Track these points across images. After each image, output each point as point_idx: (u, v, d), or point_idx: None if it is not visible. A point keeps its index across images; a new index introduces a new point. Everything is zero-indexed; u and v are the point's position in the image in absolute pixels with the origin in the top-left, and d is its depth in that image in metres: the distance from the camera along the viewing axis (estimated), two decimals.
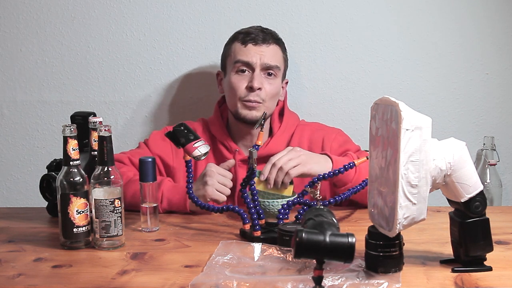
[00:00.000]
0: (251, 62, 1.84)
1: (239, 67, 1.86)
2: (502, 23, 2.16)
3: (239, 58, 1.85)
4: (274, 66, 1.86)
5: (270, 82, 1.86)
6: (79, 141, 1.39)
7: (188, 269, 1.26)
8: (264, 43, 1.86)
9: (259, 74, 1.84)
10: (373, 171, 1.23)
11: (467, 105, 2.20)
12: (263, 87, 1.84)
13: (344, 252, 1.03)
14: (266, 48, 1.86)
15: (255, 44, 1.86)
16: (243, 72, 1.86)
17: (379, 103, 1.21)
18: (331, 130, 1.96)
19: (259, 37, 1.87)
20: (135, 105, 2.23)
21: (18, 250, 1.41)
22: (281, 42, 1.94)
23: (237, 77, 1.86)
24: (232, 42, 1.91)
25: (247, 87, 1.84)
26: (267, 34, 1.89)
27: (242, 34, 1.89)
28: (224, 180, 1.65)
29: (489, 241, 1.22)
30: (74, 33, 2.20)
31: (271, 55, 1.86)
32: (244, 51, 1.85)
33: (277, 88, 1.88)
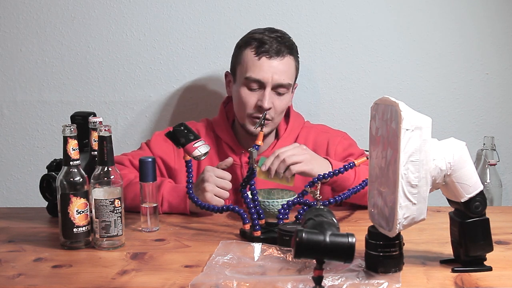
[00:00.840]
0: (263, 79, 1.78)
1: (250, 83, 1.80)
2: (502, 23, 2.16)
3: (250, 75, 1.79)
4: (287, 84, 1.81)
5: (280, 99, 1.82)
6: (79, 141, 1.39)
7: (188, 269, 1.26)
8: (278, 56, 1.79)
9: (269, 93, 1.79)
10: (373, 171, 1.23)
11: (467, 105, 2.20)
12: (273, 106, 1.80)
13: (344, 252, 1.03)
14: (279, 62, 1.79)
15: (269, 58, 1.78)
16: (254, 89, 1.80)
17: (379, 103, 1.21)
18: (336, 133, 1.95)
19: (273, 49, 1.79)
20: (135, 105, 2.23)
21: (18, 250, 1.41)
22: (295, 49, 1.87)
23: (247, 92, 1.81)
24: (245, 48, 1.83)
25: (256, 106, 1.80)
26: (281, 44, 1.81)
27: (256, 42, 1.81)
28: (223, 182, 1.63)
29: (489, 241, 1.22)
30: (74, 33, 2.20)
31: (283, 71, 1.80)
32: (257, 66, 1.78)
33: (287, 103, 1.85)
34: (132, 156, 1.85)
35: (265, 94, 1.78)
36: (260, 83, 1.79)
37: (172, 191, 1.69)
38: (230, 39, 2.15)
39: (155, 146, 1.87)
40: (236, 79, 1.86)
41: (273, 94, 1.80)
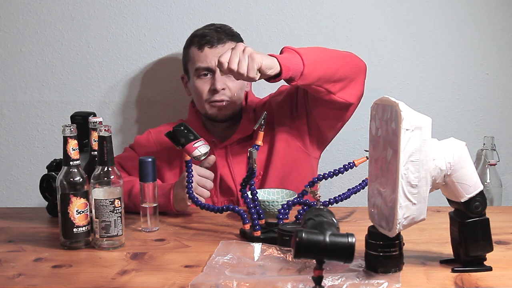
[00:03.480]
0: (210, 66, 1.86)
1: (200, 72, 1.88)
2: (502, 23, 2.16)
3: (199, 65, 1.88)
4: None
5: (232, 80, 1.87)
6: (79, 141, 1.39)
7: (188, 269, 1.26)
8: (220, 43, 1.88)
9: (219, 75, 1.84)
10: (373, 171, 1.23)
11: (467, 105, 2.20)
12: (226, 86, 1.87)
13: (344, 252, 1.03)
14: (221, 48, 1.87)
15: (210, 47, 1.87)
16: (205, 75, 1.88)
17: (379, 103, 1.21)
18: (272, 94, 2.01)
19: (214, 39, 1.88)
20: (135, 105, 2.23)
21: (18, 250, 1.41)
22: (236, 36, 1.94)
23: (199, 81, 1.89)
24: (189, 46, 1.92)
25: (210, 90, 1.87)
26: (220, 33, 1.90)
27: (198, 37, 1.90)
28: (205, 182, 1.66)
29: (489, 241, 1.22)
30: (74, 33, 2.20)
31: None
32: (202, 57, 1.87)
33: (240, 83, 1.90)
34: (120, 158, 1.89)
35: (215, 77, 1.86)
36: (209, 70, 1.87)
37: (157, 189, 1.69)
38: None
39: (138, 147, 1.93)
40: (189, 77, 1.95)
41: (224, 77, 1.86)
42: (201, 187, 1.65)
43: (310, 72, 1.61)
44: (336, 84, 1.70)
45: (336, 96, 1.72)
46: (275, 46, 2.16)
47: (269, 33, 2.18)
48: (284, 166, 1.88)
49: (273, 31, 2.17)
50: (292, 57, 1.59)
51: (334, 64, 1.68)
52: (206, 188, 1.66)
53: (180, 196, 1.65)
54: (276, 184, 1.83)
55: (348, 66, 1.73)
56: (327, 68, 1.66)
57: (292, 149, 1.89)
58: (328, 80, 1.67)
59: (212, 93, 1.87)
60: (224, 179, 1.88)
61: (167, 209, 1.68)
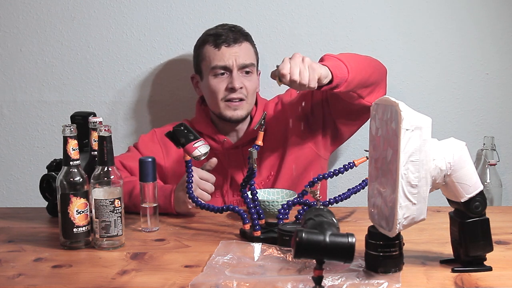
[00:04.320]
0: (228, 65, 1.87)
1: (217, 71, 1.88)
2: (502, 23, 2.16)
3: (216, 64, 1.87)
4: (250, 64, 1.90)
5: (249, 80, 1.89)
6: (79, 141, 1.39)
7: (188, 269, 1.26)
8: (237, 43, 1.89)
9: (237, 74, 1.87)
10: (373, 171, 1.23)
11: (467, 105, 2.20)
12: (244, 86, 1.88)
13: (344, 252, 1.03)
14: (239, 48, 1.88)
15: (228, 46, 1.88)
16: (222, 75, 1.88)
17: (379, 103, 1.21)
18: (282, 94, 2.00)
19: (230, 38, 1.88)
20: (135, 105, 2.23)
21: (18, 250, 1.41)
22: (250, 37, 1.96)
23: (215, 80, 1.89)
24: (203, 45, 1.92)
25: (227, 88, 1.87)
26: (236, 33, 1.91)
27: (212, 36, 1.90)
28: (205, 185, 1.66)
29: (489, 241, 1.22)
30: (74, 33, 2.20)
31: (245, 54, 1.89)
32: (219, 55, 1.87)
33: (255, 84, 1.93)
34: (123, 158, 1.88)
35: (233, 76, 1.87)
36: (226, 69, 1.88)
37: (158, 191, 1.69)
38: None
39: (143, 147, 1.92)
40: (203, 76, 1.94)
41: (241, 76, 1.88)
42: (201, 189, 1.65)
43: (353, 79, 1.63)
44: (367, 89, 1.72)
45: (364, 100, 1.74)
46: (275, 46, 2.17)
47: (269, 33, 2.18)
48: (296, 168, 1.88)
49: (273, 31, 2.17)
50: (338, 65, 1.61)
51: (369, 70, 1.71)
52: (207, 191, 1.66)
53: (181, 199, 1.64)
54: (287, 185, 1.84)
55: (377, 71, 1.76)
56: (364, 74, 1.68)
57: (304, 150, 1.90)
58: (363, 86, 1.70)
59: (230, 92, 1.87)
60: (235, 179, 1.89)
61: (167, 211, 1.68)
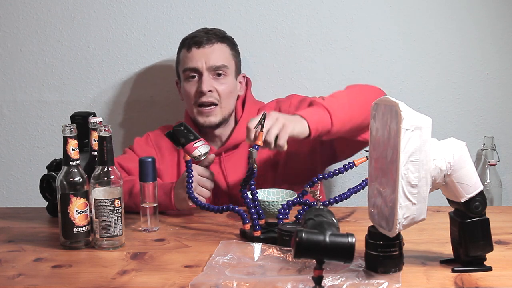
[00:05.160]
0: (197, 67, 1.85)
1: (188, 74, 1.87)
2: (502, 23, 2.16)
3: (186, 66, 1.87)
4: (221, 65, 1.86)
5: (221, 82, 1.86)
6: (79, 141, 1.39)
7: (188, 269, 1.26)
8: (208, 44, 1.86)
9: (207, 77, 1.84)
10: (373, 171, 1.23)
11: (467, 105, 2.20)
12: (214, 89, 1.85)
13: (344, 252, 1.03)
14: (210, 49, 1.86)
15: (198, 47, 1.86)
16: (193, 78, 1.87)
17: (379, 103, 1.21)
18: (284, 99, 1.97)
19: (203, 39, 1.87)
20: (135, 105, 2.23)
21: (18, 250, 1.41)
22: (227, 39, 1.93)
23: (188, 84, 1.88)
24: (180, 49, 1.92)
25: (197, 92, 1.85)
26: (210, 35, 1.89)
27: (188, 40, 1.90)
28: (204, 181, 1.65)
29: (489, 241, 1.22)
30: (74, 33, 2.20)
31: (216, 56, 1.86)
32: (189, 57, 1.86)
33: (230, 87, 1.88)
34: (121, 160, 1.87)
35: (202, 80, 1.84)
36: (196, 71, 1.86)
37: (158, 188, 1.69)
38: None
39: (138, 149, 1.92)
40: (180, 80, 1.94)
41: (211, 78, 1.86)
42: (201, 186, 1.65)
43: (337, 131, 1.61)
44: (361, 131, 1.70)
45: (359, 138, 1.72)
46: (275, 46, 2.17)
47: (269, 33, 2.18)
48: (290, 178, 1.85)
49: (273, 31, 2.17)
50: (321, 118, 1.58)
51: (361, 115, 1.65)
52: (206, 187, 1.66)
53: (181, 196, 1.64)
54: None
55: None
56: (354, 123, 1.65)
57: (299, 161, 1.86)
58: (354, 131, 1.68)
59: (199, 96, 1.85)
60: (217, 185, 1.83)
61: (168, 208, 1.68)
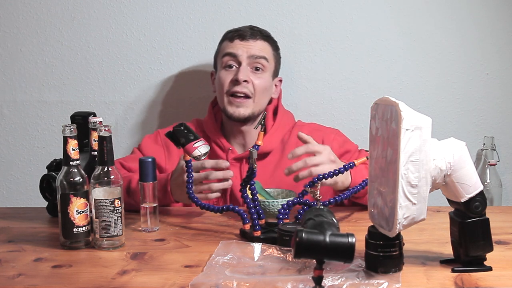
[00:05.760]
0: (237, 54, 1.85)
1: (227, 61, 1.87)
2: (502, 23, 2.16)
3: (225, 51, 1.87)
4: (261, 57, 1.86)
5: (258, 76, 1.86)
6: (79, 141, 1.39)
7: (188, 269, 1.26)
8: (252, 39, 1.88)
9: (245, 67, 1.85)
10: (373, 171, 1.23)
11: (467, 105, 2.20)
12: (250, 80, 1.84)
13: (344, 252, 1.03)
14: (253, 42, 1.88)
15: (241, 40, 1.88)
16: (230, 67, 1.87)
17: (379, 103, 1.21)
18: (329, 130, 1.95)
19: (247, 33, 1.88)
20: (135, 105, 2.23)
21: (18, 250, 1.41)
22: (271, 40, 1.94)
23: (224, 72, 1.88)
24: (222, 41, 1.94)
25: (232, 80, 1.85)
26: (255, 31, 1.90)
27: (232, 32, 1.92)
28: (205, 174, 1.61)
29: (489, 241, 1.22)
30: (74, 33, 2.20)
31: (258, 48, 1.87)
32: (231, 46, 1.88)
33: (266, 83, 1.87)
34: (124, 160, 1.87)
35: (240, 69, 1.84)
36: (235, 59, 1.85)
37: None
38: None
39: (145, 148, 1.91)
40: (216, 70, 1.94)
41: (249, 70, 1.85)
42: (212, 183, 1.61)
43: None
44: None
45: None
46: None
47: None
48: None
49: (273, 31, 2.16)
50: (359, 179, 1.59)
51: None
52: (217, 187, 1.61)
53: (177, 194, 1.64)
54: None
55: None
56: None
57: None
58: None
59: (234, 84, 1.84)
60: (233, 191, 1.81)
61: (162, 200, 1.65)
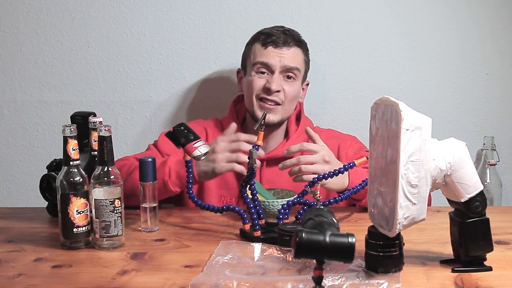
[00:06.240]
0: (270, 64, 1.83)
1: (259, 68, 1.85)
2: (502, 23, 2.16)
3: (258, 60, 1.84)
4: (294, 68, 1.84)
5: (289, 85, 1.84)
6: (79, 141, 1.39)
7: (188, 269, 1.26)
8: (285, 46, 1.84)
9: (278, 76, 1.83)
10: (373, 171, 1.23)
11: (467, 105, 2.20)
12: (282, 90, 1.83)
13: (344, 252, 1.03)
14: (286, 51, 1.84)
15: (275, 47, 1.84)
16: (262, 73, 1.85)
17: (379, 103, 1.21)
18: (346, 137, 1.95)
19: (280, 40, 1.84)
20: (135, 105, 2.23)
21: (18, 250, 1.41)
22: (303, 44, 1.91)
23: (255, 77, 1.85)
24: (253, 42, 1.89)
25: (264, 88, 1.83)
26: (288, 36, 1.86)
27: (264, 35, 1.87)
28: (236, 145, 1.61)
29: (489, 241, 1.22)
30: (74, 33, 2.20)
31: (291, 58, 1.84)
32: (264, 53, 1.84)
33: (296, 91, 1.87)
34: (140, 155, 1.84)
35: (273, 78, 1.82)
36: (268, 68, 1.84)
37: (178, 162, 1.67)
38: (230, 39, 2.16)
39: (162, 145, 1.88)
40: (246, 72, 1.91)
41: (281, 79, 1.84)
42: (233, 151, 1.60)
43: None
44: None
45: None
46: None
47: None
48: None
49: None
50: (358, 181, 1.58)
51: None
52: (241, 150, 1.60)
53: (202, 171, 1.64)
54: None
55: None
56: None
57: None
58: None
59: (266, 92, 1.83)
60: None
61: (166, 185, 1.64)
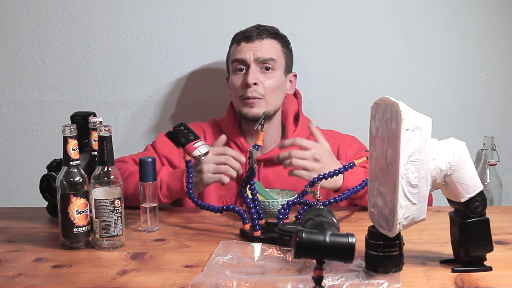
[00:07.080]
0: (244, 58, 1.85)
1: (236, 66, 1.87)
2: (502, 23, 2.16)
3: (233, 58, 1.88)
4: (269, 58, 1.85)
5: (268, 76, 1.85)
6: (79, 141, 1.39)
7: (188, 269, 1.26)
8: (258, 39, 1.87)
9: (254, 69, 1.84)
10: (373, 171, 1.23)
11: (467, 105, 2.20)
12: (260, 82, 1.84)
13: (344, 252, 1.03)
14: (259, 43, 1.86)
15: (247, 42, 1.87)
16: (240, 70, 1.87)
17: (379, 103, 1.21)
18: (346, 137, 1.95)
19: (253, 34, 1.87)
20: (135, 105, 2.23)
21: (18, 250, 1.41)
22: (280, 36, 1.93)
23: (235, 76, 1.88)
24: (231, 44, 1.93)
25: (242, 84, 1.85)
26: (261, 30, 1.89)
27: (239, 35, 1.91)
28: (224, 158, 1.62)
29: (489, 241, 1.22)
30: (74, 33, 2.20)
31: (265, 49, 1.86)
32: (238, 50, 1.87)
33: (277, 82, 1.86)
34: (136, 156, 1.86)
35: (248, 71, 1.84)
36: (244, 63, 1.85)
37: (170, 174, 1.70)
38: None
39: (160, 146, 1.89)
40: (229, 75, 1.93)
41: (258, 71, 1.85)
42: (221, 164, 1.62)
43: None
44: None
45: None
46: None
47: None
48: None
49: None
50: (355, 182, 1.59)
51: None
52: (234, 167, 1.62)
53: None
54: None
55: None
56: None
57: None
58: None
59: (245, 88, 1.84)
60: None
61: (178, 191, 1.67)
